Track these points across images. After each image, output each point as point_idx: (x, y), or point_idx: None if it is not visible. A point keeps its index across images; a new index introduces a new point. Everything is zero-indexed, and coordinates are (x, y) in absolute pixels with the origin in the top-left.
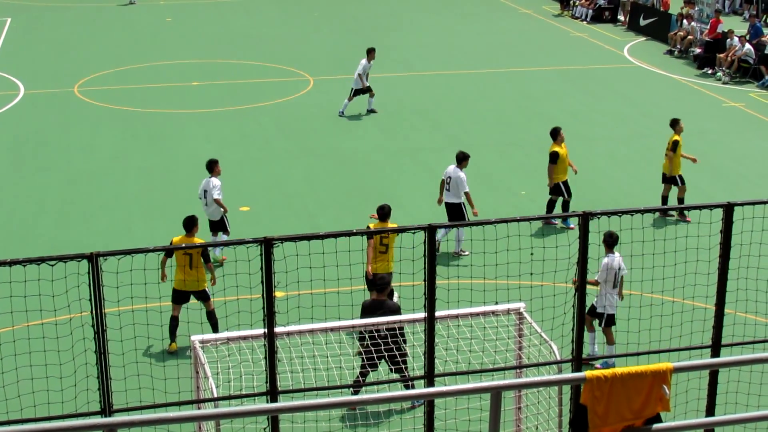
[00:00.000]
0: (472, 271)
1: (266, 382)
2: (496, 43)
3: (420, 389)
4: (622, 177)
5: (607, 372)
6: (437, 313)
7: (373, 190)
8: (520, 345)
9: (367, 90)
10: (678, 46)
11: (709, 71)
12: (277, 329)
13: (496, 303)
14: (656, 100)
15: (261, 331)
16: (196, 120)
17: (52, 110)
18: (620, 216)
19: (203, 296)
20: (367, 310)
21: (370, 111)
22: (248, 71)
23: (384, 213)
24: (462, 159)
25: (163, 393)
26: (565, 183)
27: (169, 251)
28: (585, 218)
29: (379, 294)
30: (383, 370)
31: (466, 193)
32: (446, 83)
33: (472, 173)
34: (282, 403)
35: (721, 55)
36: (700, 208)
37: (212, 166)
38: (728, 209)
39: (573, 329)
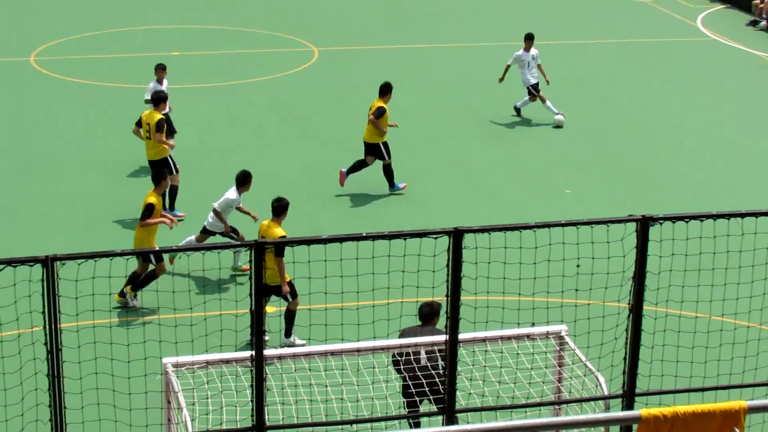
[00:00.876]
0: (504, 285)
1: (252, 416)
2: (543, 10)
3: (441, 427)
4: (690, 174)
5: (668, 411)
6: (461, 336)
7: (385, 186)
8: (560, 376)
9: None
10: (764, 16)
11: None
12: (267, 352)
13: (533, 324)
14: (735, 82)
15: (247, 353)
16: (175, 98)
17: (2, 83)
18: (687, 221)
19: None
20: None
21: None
22: (239, 39)
23: (278, 206)
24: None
25: (128, 426)
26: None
27: None
28: (645, 223)
29: (427, 324)
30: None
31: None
32: (481, 58)
33: (508, 166)
34: None
35: None
36: None
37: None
38: None
39: (625, 358)
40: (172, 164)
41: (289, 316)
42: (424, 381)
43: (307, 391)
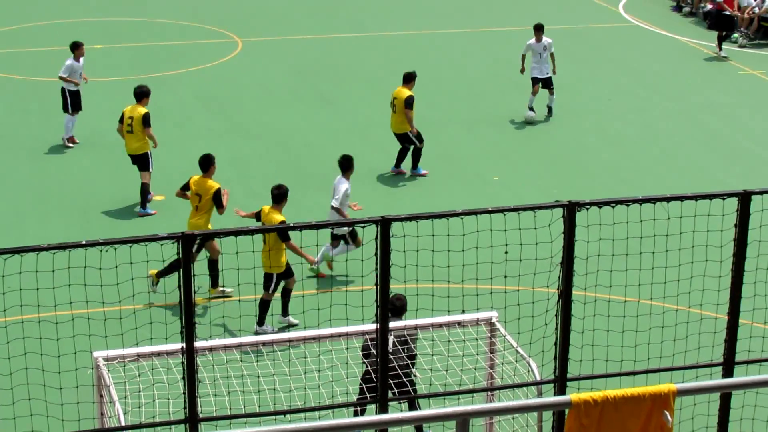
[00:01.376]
0: (433, 273)
1: (185, 408)
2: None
3: (373, 416)
4: (616, 159)
5: (598, 395)
6: (391, 324)
7: (314, 177)
8: (492, 362)
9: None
10: (688, 1)
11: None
12: (198, 344)
13: (463, 312)
14: (658, 67)
15: (178, 345)
16: (99, 90)
17: None
18: (613, 206)
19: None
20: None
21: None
22: (163, 31)
23: (278, 194)
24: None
25: (60, 421)
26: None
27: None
28: (571, 209)
29: (397, 317)
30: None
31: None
32: (403, 46)
33: (435, 154)
34: None
35: (737, 13)
36: (710, 197)
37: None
38: (744, 199)
39: (556, 343)
40: (150, 160)
41: (287, 293)
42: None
43: (240, 382)
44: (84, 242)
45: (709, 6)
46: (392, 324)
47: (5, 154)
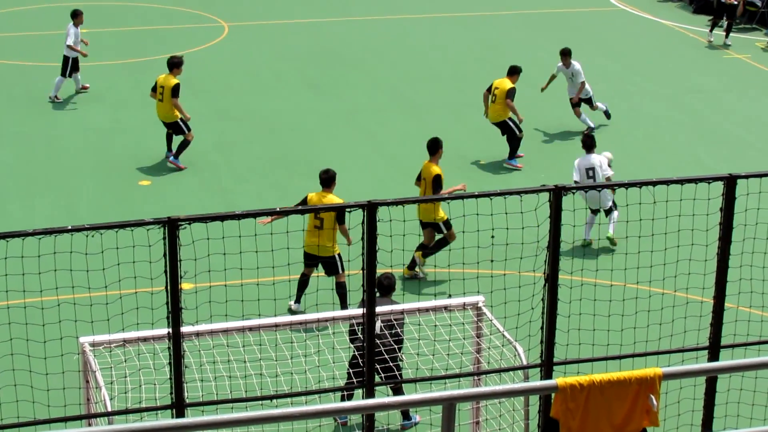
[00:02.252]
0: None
1: (171, 393)
2: None
3: (360, 401)
4: (601, 144)
5: (584, 379)
6: (378, 309)
7: (300, 161)
8: (478, 347)
9: None
10: None
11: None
12: (184, 329)
13: (450, 296)
14: (644, 51)
15: (164, 331)
16: (85, 75)
17: None
18: (599, 191)
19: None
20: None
21: None
22: (148, 15)
23: (327, 178)
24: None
25: (46, 407)
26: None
27: None
28: (558, 194)
29: (385, 296)
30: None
31: None
32: (390, 31)
33: (422, 139)
34: (190, 418)
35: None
36: (696, 181)
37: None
38: (730, 183)
39: (542, 327)
40: (183, 125)
41: (342, 294)
42: (382, 350)
43: (226, 367)
44: (70, 227)
45: None
46: (378, 308)
47: None
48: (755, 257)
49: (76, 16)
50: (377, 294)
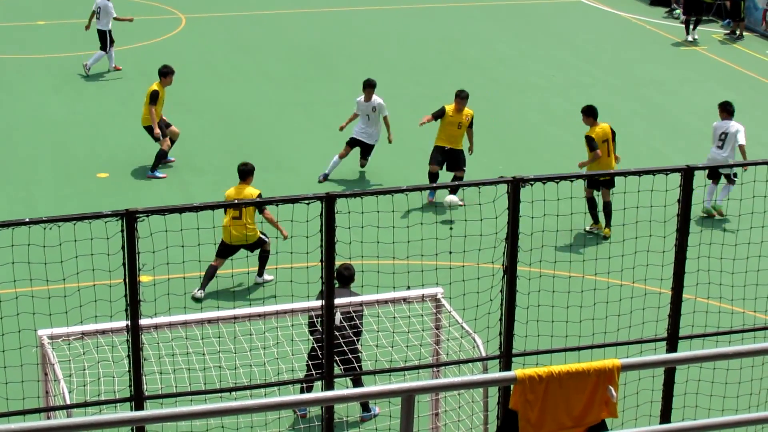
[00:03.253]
0: (379, 249)
1: (130, 386)
2: None
3: (319, 393)
4: (559, 135)
5: (542, 371)
6: (336, 301)
7: (258, 153)
8: (437, 338)
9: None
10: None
11: (665, 11)
12: (143, 321)
13: (408, 288)
14: (601, 43)
15: (123, 323)
16: (41, 67)
17: None
18: (557, 182)
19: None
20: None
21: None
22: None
23: (245, 170)
24: None
25: (4, 400)
26: None
27: None
28: (516, 185)
29: (345, 287)
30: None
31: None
32: (347, 22)
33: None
34: (149, 411)
35: None
36: (654, 172)
37: None
38: (687, 174)
39: (501, 319)
40: (154, 132)
41: (265, 257)
42: (341, 342)
43: (185, 359)
44: (27, 220)
45: None
46: (337, 300)
47: None
48: (712, 249)
49: None
50: (337, 285)
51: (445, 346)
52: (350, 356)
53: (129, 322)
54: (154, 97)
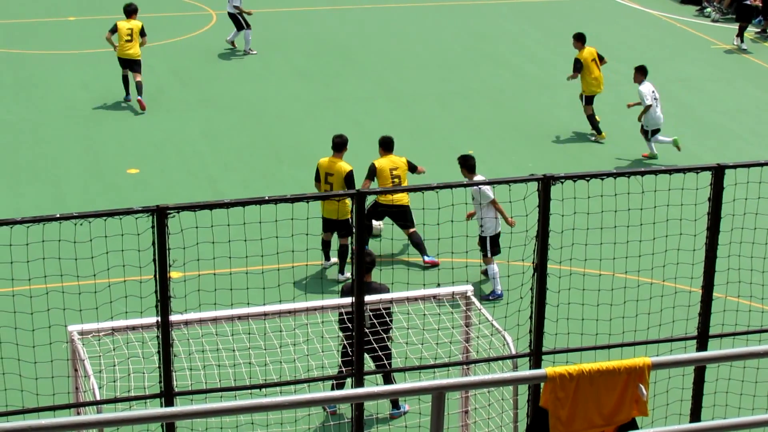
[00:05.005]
0: (409, 247)
1: (160, 382)
2: None
3: (349, 390)
4: (588, 132)
5: (573, 369)
6: (367, 298)
7: (287, 149)
8: (467, 336)
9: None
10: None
11: (696, 10)
12: (173, 317)
13: (439, 285)
14: (630, 41)
15: (153, 319)
16: (72, 63)
17: None
18: (588, 180)
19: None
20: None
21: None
22: (137, 4)
23: (339, 142)
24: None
25: (35, 396)
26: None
27: None
28: (546, 183)
29: (366, 275)
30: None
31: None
32: (376, 18)
33: (407, 128)
34: (179, 407)
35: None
36: (684, 171)
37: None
38: (718, 173)
39: (531, 317)
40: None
41: (344, 252)
42: (371, 339)
43: (215, 356)
44: (58, 215)
45: None
46: (368, 298)
47: None
48: (743, 247)
49: None
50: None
51: (475, 344)
52: (380, 353)
53: (159, 318)
54: (144, 30)
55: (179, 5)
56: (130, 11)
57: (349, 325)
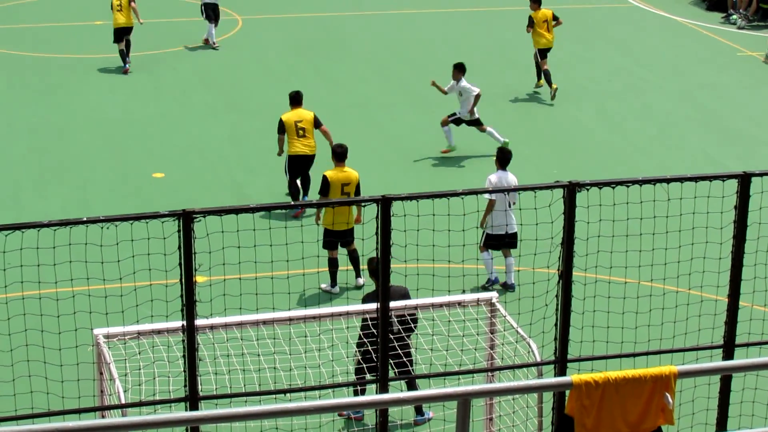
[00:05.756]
0: (434, 252)
1: (185, 386)
2: None
3: (374, 396)
4: (614, 140)
5: (599, 376)
6: (392, 304)
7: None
8: (492, 343)
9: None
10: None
11: (721, 17)
12: (198, 321)
13: (464, 292)
14: (656, 48)
15: (178, 323)
16: (99, 67)
17: None
18: (613, 187)
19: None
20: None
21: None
22: (163, 7)
23: (342, 152)
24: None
25: (60, 398)
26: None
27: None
28: (571, 190)
29: (376, 279)
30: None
31: None
32: (402, 25)
33: (432, 133)
34: (204, 411)
35: None
36: (710, 178)
37: None
38: (744, 180)
39: (556, 324)
40: None
41: (355, 258)
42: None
43: (240, 360)
44: (85, 219)
45: None
46: (393, 304)
47: (4, 129)
48: None
49: None
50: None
51: (499, 351)
52: (405, 360)
53: (185, 322)
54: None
55: None
56: None
57: (374, 330)
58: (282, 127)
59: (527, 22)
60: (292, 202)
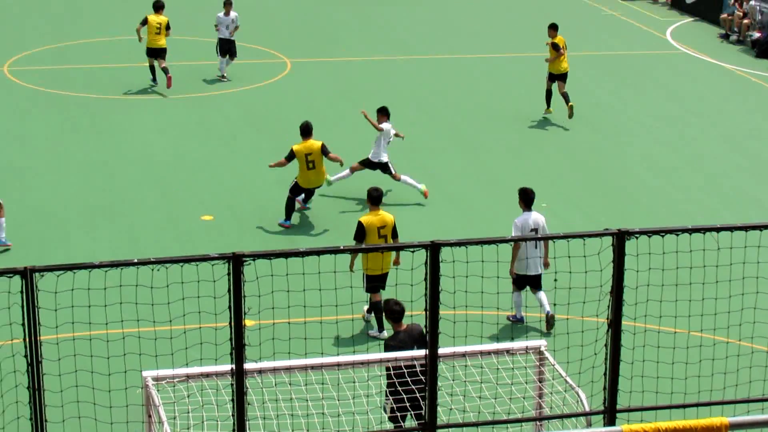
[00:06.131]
0: (483, 299)
1: (233, 430)
2: (512, 22)
3: None
4: (663, 187)
5: (649, 427)
6: (440, 351)
7: (361, 197)
8: (540, 391)
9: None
10: (735, 30)
11: None
12: (247, 365)
13: (512, 339)
14: (706, 94)
15: (228, 367)
16: (147, 108)
17: None
18: (663, 235)
19: None
20: (400, 348)
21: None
22: (211, 50)
23: (378, 196)
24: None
25: None
26: None
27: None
28: (621, 238)
29: (399, 324)
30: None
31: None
32: (451, 69)
33: (480, 179)
34: None
35: None
36: (761, 228)
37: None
38: None
39: (605, 373)
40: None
41: (380, 308)
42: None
43: (288, 405)
44: (136, 261)
45: (757, 34)
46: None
47: (56, 170)
48: None
49: (225, 5)
50: (387, 320)
51: (548, 400)
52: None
53: (234, 366)
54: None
55: (255, 52)
56: (158, 7)
57: (409, 379)
58: (291, 156)
59: (552, 47)
60: (284, 217)
